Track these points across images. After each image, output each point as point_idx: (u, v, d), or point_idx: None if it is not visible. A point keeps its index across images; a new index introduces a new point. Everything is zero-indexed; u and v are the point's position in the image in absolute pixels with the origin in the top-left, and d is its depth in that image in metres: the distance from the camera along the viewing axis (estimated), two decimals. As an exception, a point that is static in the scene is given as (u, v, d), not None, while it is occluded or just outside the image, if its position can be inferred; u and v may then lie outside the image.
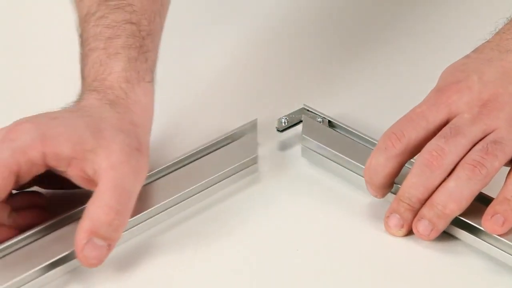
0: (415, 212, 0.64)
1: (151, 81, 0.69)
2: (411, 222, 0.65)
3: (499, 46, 0.68)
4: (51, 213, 0.65)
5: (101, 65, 0.68)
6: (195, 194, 0.68)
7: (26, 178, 0.63)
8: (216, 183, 0.70)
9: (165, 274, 0.63)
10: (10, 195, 0.63)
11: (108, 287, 0.62)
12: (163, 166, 0.69)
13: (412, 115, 0.66)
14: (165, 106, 0.75)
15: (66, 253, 0.62)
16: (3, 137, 0.62)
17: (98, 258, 0.61)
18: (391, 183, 0.67)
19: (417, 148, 0.65)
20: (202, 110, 0.80)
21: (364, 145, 0.72)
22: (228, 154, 0.72)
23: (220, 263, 0.64)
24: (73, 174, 0.63)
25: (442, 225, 0.64)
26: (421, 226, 0.64)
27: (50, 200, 0.67)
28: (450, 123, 0.65)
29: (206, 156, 0.72)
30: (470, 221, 0.64)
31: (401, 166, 0.66)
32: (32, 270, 0.61)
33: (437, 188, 0.63)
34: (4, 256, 0.62)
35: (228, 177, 0.70)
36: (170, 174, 0.69)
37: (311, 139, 0.73)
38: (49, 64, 0.87)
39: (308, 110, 0.76)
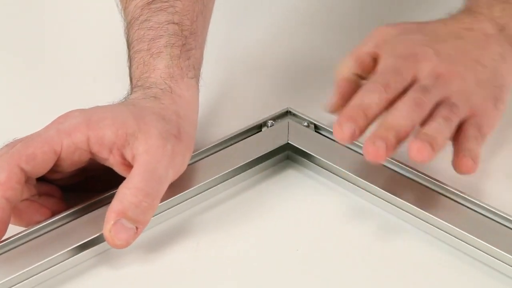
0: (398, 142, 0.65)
1: (194, 77, 0.71)
2: (394, 149, 0.65)
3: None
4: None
5: (145, 65, 0.69)
6: (229, 179, 0.70)
7: (67, 163, 0.64)
8: (245, 171, 0.71)
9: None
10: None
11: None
12: (196, 152, 0.70)
13: (391, 69, 0.69)
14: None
15: (96, 235, 0.63)
16: (53, 121, 0.65)
17: (126, 240, 0.61)
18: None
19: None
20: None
21: (350, 148, 0.72)
22: (260, 141, 0.73)
23: (219, 263, 0.64)
24: (114, 161, 0.64)
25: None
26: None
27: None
28: (418, 84, 0.68)
29: (238, 143, 0.73)
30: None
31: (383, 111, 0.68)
32: (62, 252, 0.62)
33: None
34: (35, 237, 0.63)
35: (259, 164, 0.71)
36: (203, 160, 0.71)
37: (297, 142, 0.73)
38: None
39: (293, 114, 0.76)
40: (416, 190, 0.68)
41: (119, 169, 0.64)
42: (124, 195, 0.61)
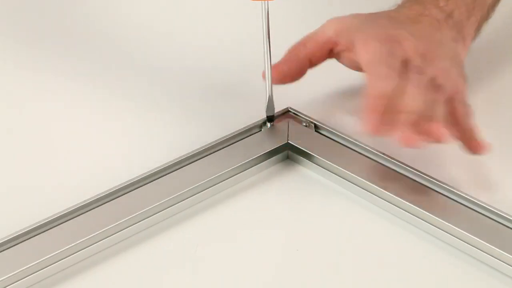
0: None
1: None
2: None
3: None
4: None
5: None
6: (229, 178, 0.70)
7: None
8: (245, 171, 0.71)
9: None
10: None
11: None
12: (196, 151, 0.71)
13: (386, 53, 0.71)
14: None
15: (92, 235, 0.63)
16: None
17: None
18: None
19: None
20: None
21: (350, 148, 0.72)
22: (260, 141, 0.73)
23: (218, 262, 0.64)
24: None
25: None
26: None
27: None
28: (412, 64, 0.71)
29: (238, 143, 0.73)
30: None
31: None
32: (59, 251, 0.62)
33: None
34: (32, 237, 0.63)
35: (258, 164, 0.72)
36: (203, 159, 0.71)
37: (297, 142, 0.73)
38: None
39: (293, 114, 0.77)
40: (416, 189, 0.68)
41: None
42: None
